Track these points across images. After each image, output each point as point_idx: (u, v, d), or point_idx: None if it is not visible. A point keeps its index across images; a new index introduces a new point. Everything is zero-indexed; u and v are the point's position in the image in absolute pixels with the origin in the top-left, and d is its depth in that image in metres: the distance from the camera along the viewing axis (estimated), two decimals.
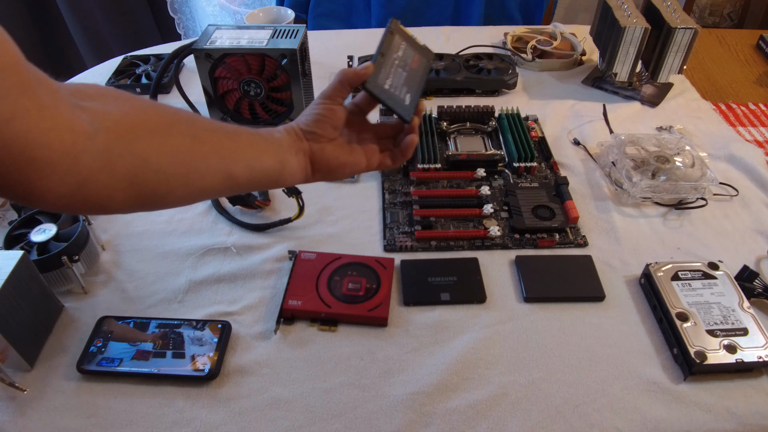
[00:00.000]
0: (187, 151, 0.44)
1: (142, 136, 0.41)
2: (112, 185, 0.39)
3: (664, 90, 0.95)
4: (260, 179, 0.49)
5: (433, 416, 0.51)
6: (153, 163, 0.41)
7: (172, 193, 0.43)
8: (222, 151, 0.46)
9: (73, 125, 0.35)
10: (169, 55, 0.83)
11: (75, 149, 0.35)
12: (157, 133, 0.42)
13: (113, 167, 0.38)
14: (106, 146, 0.38)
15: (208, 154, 0.45)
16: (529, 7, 1.51)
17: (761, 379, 0.54)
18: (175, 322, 0.58)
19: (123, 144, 0.39)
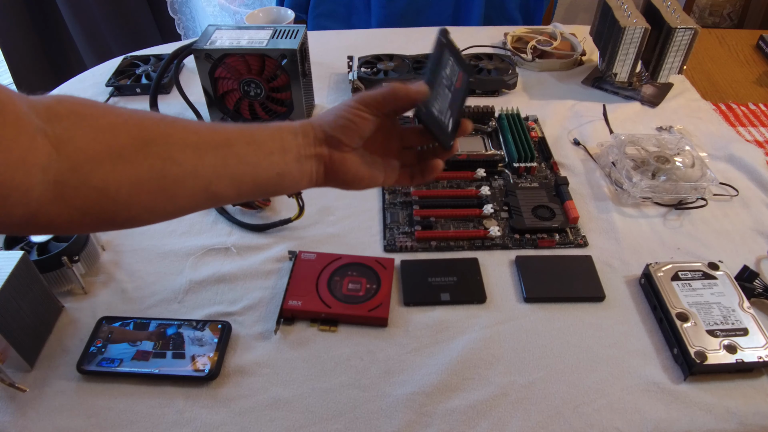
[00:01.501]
0: (154, 177, 0.40)
1: (103, 164, 0.38)
2: (66, 215, 0.38)
3: (664, 90, 0.95)
4: (251, 192, 0.46)
5: (433, 416, 0.51)
6: (111, 193, 0.39)
7: (135, 218, 0.41)
8: (201, 169, 0.42)
9: (28, 159, 0.34)
10: (169, 56, 0.83)
11: (26, 184, 0.35)
12: (121, 160, 0.39)
13: (66, 199, 0.37)
14: (60, 179, 0.36)
15: (181, 177, 0.42)
16: (529, 7, 1.51)
17: (761, 380, 0.54)
18: (175, 323, 0.58)
19: (78, 176, 0.37)
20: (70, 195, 0.37)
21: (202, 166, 0.42)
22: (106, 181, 0.38)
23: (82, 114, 0.39)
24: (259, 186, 0.46)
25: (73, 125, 0.38)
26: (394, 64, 0.96)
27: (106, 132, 0.39)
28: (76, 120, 0.38)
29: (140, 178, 0.40)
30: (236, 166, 0.44)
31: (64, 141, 0.37)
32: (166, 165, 0.41)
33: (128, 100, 0.95)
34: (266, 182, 0.46)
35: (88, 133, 0.38)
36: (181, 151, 0.42)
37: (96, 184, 0.38)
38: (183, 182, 0.42)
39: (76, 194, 0.37)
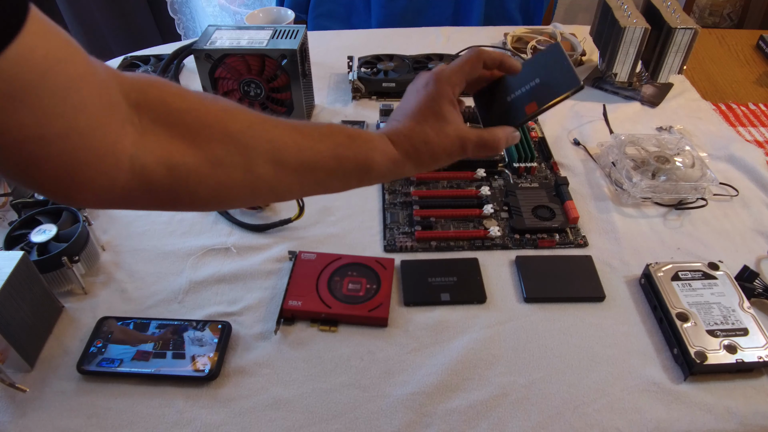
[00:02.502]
0: (246, 185, 0.41)
1: (197, 168, 0.39)
2: (148, 203, 0.39)
3: (664, 90, 0.95)
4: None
5: (433, 416, 0.51)
6: (201, 196, 0.40)
7: (221, 206, 0.43)
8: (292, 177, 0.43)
9: (117, 147, 0.35)
10: (169, 56, 0.83)
11: (113, 171, 0.35)
12: (214, 165, 0.39)
13: (151, 191, 0.38)
14: (145, 172, 0.37)
15: (273, 182, 0.42)
16: (529, 7, 1.51)
17: (761, 380, 0.54)
18: (176, 323, 0.58)
19: (170, 181, 0.38)
20: (155, 189, 0.38)
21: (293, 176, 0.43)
22: (196, 185, 0.39)
23: (172, 107, 0.38)
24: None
25: (161, 118, 0.38)
26: (394, 64, 0.96)
27: (197, 133, 0.39)
28: (164, 112, 0.38)
29: (233, 184, 0.40)
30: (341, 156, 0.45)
31: (150, 135, 0.37)
32: (260, 175, 0.41)
33: None
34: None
35: (178, 133, 0.38)
36: (280, 158, 0.42)
37: (183, 185, 0.38)
38: (275, 187, 0.43)
39: (161, 189, 0.38)
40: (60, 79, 0.30)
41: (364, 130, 0.47)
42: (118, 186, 0.36)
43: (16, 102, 0.29)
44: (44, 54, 0.29)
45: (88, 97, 0.32)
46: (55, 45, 0.30)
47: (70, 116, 0.31)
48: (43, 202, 0.67)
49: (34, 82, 0.29)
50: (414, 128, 0.47)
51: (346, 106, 0.93)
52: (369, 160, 0.45)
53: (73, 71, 0.32)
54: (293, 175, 0.43)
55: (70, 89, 0.31)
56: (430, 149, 0.47)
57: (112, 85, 0.35)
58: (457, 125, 0.48)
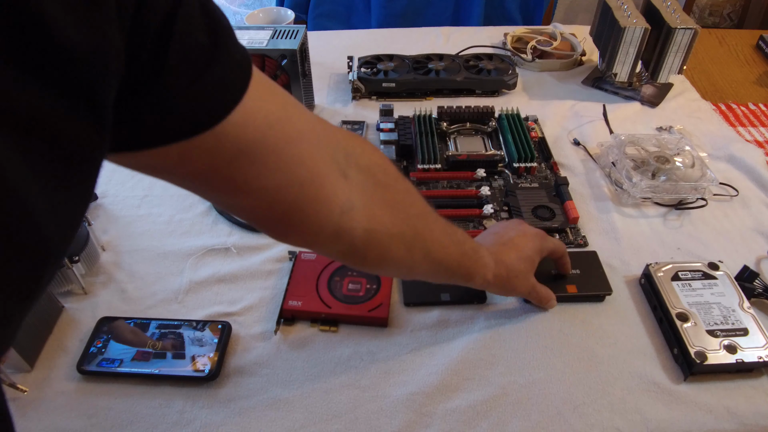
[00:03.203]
0: (408, 263, 0.47)
1: (377, 244, 0.43)
2: (336, 252, 0.42)
3: (664, 90, 0.95)
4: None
5: (433, 416, 0.51)
6: (368, 262, 0.44)
7: (373, 270, 0.50)
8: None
9: (332, 200, 0.38)
10: None
11: (325, 219, 0.38)
12: (391, 239, 0.44)
13: (345, 245, 0.41)
14: (349, 232, 0.40)
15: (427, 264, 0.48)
16: (529, 7, 1.51)
17: (761, 380, 0.54)
18: (176, 323, 0.58)
19: (360, 240, 0.41)
20: (348, 243, 0.41)
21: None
22: (372, 249, 0.43)
23: (378, 178, 0.42)
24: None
25: (368, 184, 0.41)
26: (394, 64, 0.96)
27: (390, 208, 0.43)
28: (371, 179, 0.41)
29: (394, 257, 0.45)
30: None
31: (360, 194, 0.40)
32: (413, 257, 0.47)
33: None
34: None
35: (378, 202, 0.42)
36: (434, 248, 0.48)
37: (364, 247, 0.42)
38: (413, 269, 0.49)
39: (350, 245, 0.41)
40: (279, 136, 0.34)
41: (481, 245, 0.54)
42: (324, 234, 0.39)
43: (242, 160, 0.32)
44: (265, 115, 0.33)
45: (307, 151, 0.35)
46: (274, 106, 0.34)
47: (290, 170, 0.35)
48: None
49: (257, 141, 0.32)
50: (515, 265, 0.55)
51: (346, 106, 0.93)
52: (475, 274, 0.52)
53: (291, 129, 0.35)
54: (429, 265, 0.48)
55: (289, 145, 0.34)
56: (512, 284, 0.56)
57: (330, 139, 0.38)
58: (533, 278, 0.58)
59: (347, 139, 0.41)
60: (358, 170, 0.40)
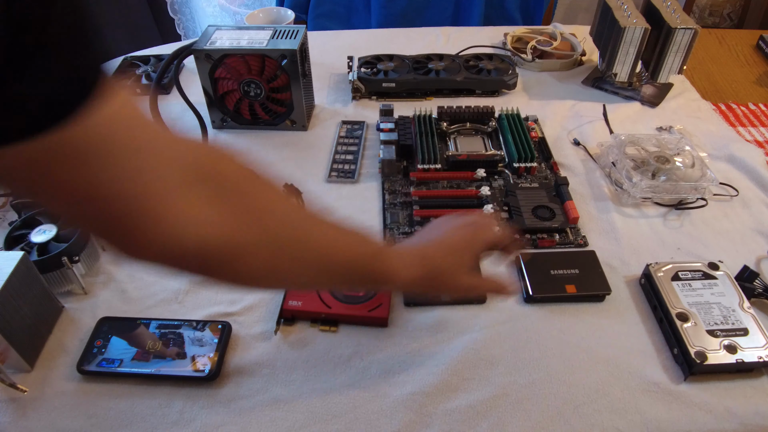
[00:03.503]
0: (274, 271, 0.43)
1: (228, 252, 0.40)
2: (176, 267, 0.39)
3: (664, 90, 0.95)
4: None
5: (433, 416, 0.51)
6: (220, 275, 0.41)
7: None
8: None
9: (170, 217, 0.36)
10: (169, 56, 0.83)
11: (163, 237, 0.36)
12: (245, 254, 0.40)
13: (181, 256, 0.38)
14: (183, 242, 0.37)
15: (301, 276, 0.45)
16: (529, 7, 1.51)
17: (761, 380, 0.54)
18: (176, 323, 0.58)
19: (201, 261, 0.39)
20: (185, 256, 0.38)
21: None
22: (224, 260, 0.39)
23: (227, 188, 0.39)
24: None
25: (214, 195, 0.38)
26: (394, 65, 0.96)
27: (237, 216, 0.39)
28: (220, 193, 0.39)
29: (265, 273, 0.42)
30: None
31: (201, 208, 0.37)
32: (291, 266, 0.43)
33: None
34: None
35: (224, 212, 0.39)
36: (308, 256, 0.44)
37: (213, 260, 0.39)
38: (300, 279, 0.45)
39: (191, 258, 0.38)
40: (120, 146, 0.32)
41: (392, 247, 0.50)
42: (154, 249, 0.37)
43: (84, 166, 0.31)
44: (110, 120, 0.31)
45: (147, 164, 0.34)
46: (122, 113, 0.32)
47: (124, 181, 0.33)
48: None
49: (101, 147, 0.31)
50: (441, 262, 0.51)
51: (346, 107, 0.93)
52: (389, 275, 0.48)
53: (135, 140, 0.33)
54: (312, 272, 0.45)
55: (129, 156, 0.33)
56: (440, 282, 0.51)
57: (179, 153, 0.36)
58: (468, 275, 0.53)
59: (199, 151, 0.38)
60: (207, 183, 0.38)
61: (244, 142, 0.85)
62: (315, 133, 0.87)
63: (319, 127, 0.88)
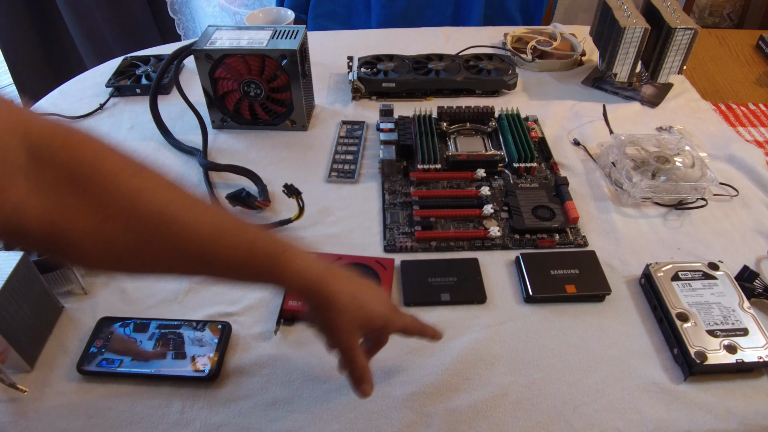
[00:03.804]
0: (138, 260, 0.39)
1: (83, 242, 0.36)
2: (26, 248, 0.38)
3: (664, 90, 0.95)
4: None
5: (434, 417, 0.51)
6: (83, 262, 0.39)
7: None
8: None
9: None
10: (169, 56, 0.83)
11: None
12: (107, 243, 0.37)
13: (26, 242, 0.37)
14: (28, 228, 0.34)
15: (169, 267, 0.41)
16: (529, 7, 1.51)
17: (761, 380, 0.54)
18: (176, 323, 0.58)
19: (50, 238, 0.35)
20: (30, 242, 0.36)
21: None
22: (78, 251, 0.37)
23: (78, 177, 0.36)
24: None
25: (62, 183, 0.35)
26: (394, 65, 0.96)
27: (96, 211, 0.36)
28: (68, 179, 0.35)
29: (127, 261, 0.39)
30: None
31: (44, 194, 0.34)
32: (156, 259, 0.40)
33: (128, 101, 0.95)
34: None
35: (74, 203, 0.36)
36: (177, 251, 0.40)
37: (65, 250, 0.37)
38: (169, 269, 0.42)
39: (36, 245, 0.36)
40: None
41: (301, 249, 0.45)
42: (7, 230, 0.34)
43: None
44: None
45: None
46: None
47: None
48: None
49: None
50: (345, 294, 0.46)
51: (346, 107, 0.93)
52: (281, 273, 0.44)
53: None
54: (191, 266, 0.42)
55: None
56: (334, 315, 0.46)
57: (10, 132, 0.33)
58: (357, 340, 0.48)
59: (41, 130, 0.35)
60: (50, 168, 0.34)
61: (244, 143, 0.85)
62: (315, 133, 0.87)
63: (319, 127, 0.88)
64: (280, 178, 0.76)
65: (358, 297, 0.47)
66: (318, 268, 0.45)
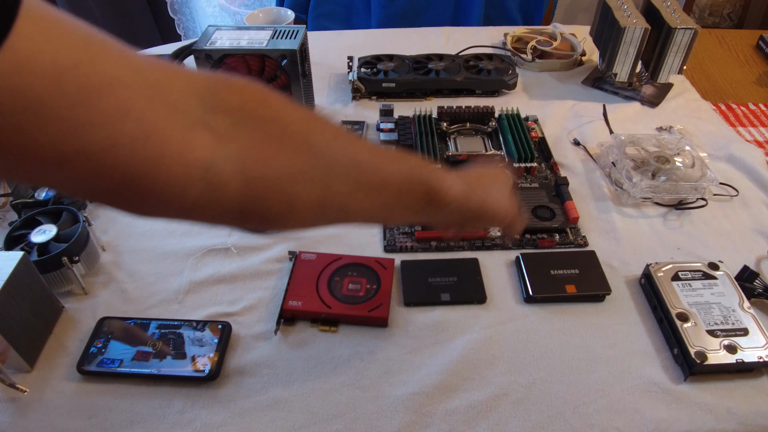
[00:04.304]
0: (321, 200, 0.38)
1: (276, 191, 0.36)
2: (219, 217, 0.35)
3: (664, 90, 0.95)
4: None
5: (434, 417, 0.51)
6: (273, 214, 0.37)
7: (291, 223, 0.40)
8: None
9: (186, 157, 0.31)
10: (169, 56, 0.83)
11: (183, 181, 0.31)
12: (294, 180, 0.36)
13: (225, 207, 0.34)
14: (221, 182, 0.33)
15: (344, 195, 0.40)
16: (529, 7, 1.51)
17: (761, 380, 0.54)
18: (176, 323, 0.58)
19: (245, 196, 0.34)
20: (228, 202, 0.34)
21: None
22: (271, 200, 0.36)
23: (254, 114, 0.35)
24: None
25: (241, 124, 0.34)
26: (394, 65, 0.96)
27: (280, 144, 0.35)
28: (245, 118, 0.34)
29: (308, 200, 0.38)
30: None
31: (229, 142, 0.33)
32: (336, 192, 0.39)
33: None
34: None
35: (259, 142, 0.35)
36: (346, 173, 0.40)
37: (258, 200, 0.35)
38: (346, 206, 0.41)
39: (234, 203, 0.34)
40: (82, 84, 0.27)
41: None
42: (189, 199, 0.32)
43: (36, 117, 0.26)
44: (52, 58, 0.26)
45: (130, 101, 0.28)
46: (66, 45, 0.26)
47: (110, 125, 0.28)
48: (43, 203, 0.67)
49: (49, 92, 0.26)
50: (489, 186, 0.52)
51: (346, 107, 0.93)
52: (437, 187, 0.45)
53: (97, 73, 0.27)
54: (366, 195, 0.41)
55: (101, 94, 0.27)
56: (492, 200, 0.52)
57: (173, 86, 0.31)
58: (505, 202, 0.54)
59: (205, 81, 0.34)
60: (227, 114, 0.33)
61: None
62: None
63: None
64: None
65: (495, 197, 0.52)
66: (460, 184, 0.48)
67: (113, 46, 0.29)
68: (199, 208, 0.33)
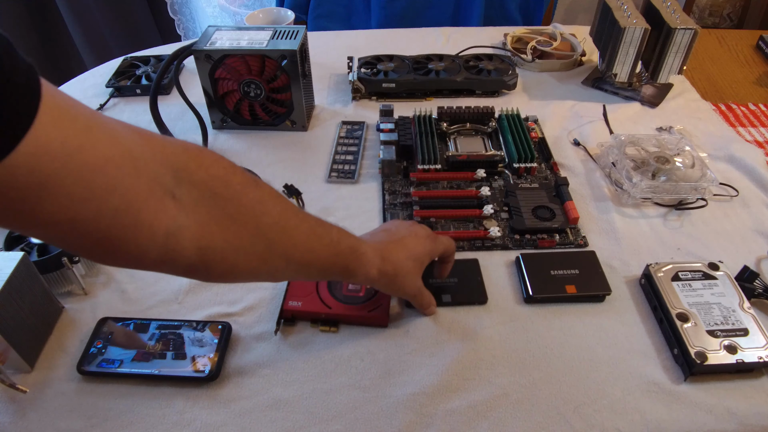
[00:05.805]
0: (266, 270, 0.46)
1: (223, 252, 0.41)
2: (173, 271, 0.40)
3: (664, 90, 0.95)
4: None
5: (434, 417, 0.51)
6: (215, 275, 0.43)
7: (229, 281, 0.46)
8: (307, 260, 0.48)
9: (154, 222, 0.36)
10: (169, 56, 0.83)
11: (145, 245, 0.36)
12: (241, 252, 0.42)
13: (176, 264, 0.39)
14: (176, 248, 0.38)
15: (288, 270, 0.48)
16: (529, 7, 1.51)
17: (762, 380, 0.54)
18: (176, 323, 0.58)
19: (195, 260, 0.40)
20: (181, 264, 0.39)
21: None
22: (215, 265, 0.41)
23: (216, 192, 0.40)
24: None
25: (203, 199, 0.39)
26: (394, 65, 0.96)
27: (233, 222, 0.41)
28: (206, 194, 0.39)
29: (246, 269, 0.44)
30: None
31: (189, 213, 0.38)
32: (271, 266, 0.46)
33: (128, 101, 0.95)
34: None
35: (215, 217, 0.40)
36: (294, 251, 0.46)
37: (205, 265, 0.40)
38: (274, 274, 0.49)
39: (185, 265, 0.40)
40: (82, 165, 0.31)
41: (363, 240, 0.52)
42: (149, 259, 0.37)
43: (42, 192, 0.30)
44: (61, 143, 0.30)
45: (118, 177, 0.33)
46: (73, 131, 0.31)
47: (100, 199, 0.32)
48: None
49: (56, 172, 0.30)
50: (403, 264, 0.54)
51: (346, 107, 0.93)
52: (356, 271, 0.51)
53: (95, 156, 0.32)
54: (295, 269, 0.47)
55: (96, 174, 0.32)
56: (398, 283, 0.55)
57: (152, 159, 0.36)
58: (420, 280, 0.57)
59: (178, 155, 0.38)
60: (191, 187, 0.38)
61: (244, 143, 0.85)
62: (315, 133, 0.87)
63: (319, 127, 0.88)
64: (281, 179, 0.76)
65: (411, 254, 0.55)
66: (378, 254, 0.52)
67: (109, 128, 0.34)
68: (155, 265, 0.38)
